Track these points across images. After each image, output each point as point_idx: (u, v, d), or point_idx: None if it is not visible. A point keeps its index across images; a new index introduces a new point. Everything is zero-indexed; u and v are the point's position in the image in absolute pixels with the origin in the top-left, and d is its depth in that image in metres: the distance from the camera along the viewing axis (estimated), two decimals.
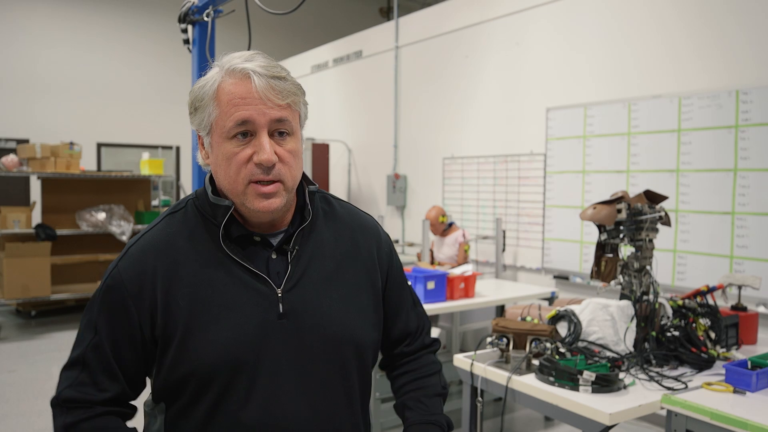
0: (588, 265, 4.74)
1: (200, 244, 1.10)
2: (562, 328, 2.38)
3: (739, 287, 2.74)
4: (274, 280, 1.10)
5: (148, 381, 1.16)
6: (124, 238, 6.65)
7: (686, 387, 2.07)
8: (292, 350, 1.09)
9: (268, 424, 1.06)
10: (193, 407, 1.08)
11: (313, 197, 1.19)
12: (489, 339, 2.39)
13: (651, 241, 2.46)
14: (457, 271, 3.87)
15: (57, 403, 1.07)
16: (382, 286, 1.25)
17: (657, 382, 2.11)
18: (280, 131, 1.07)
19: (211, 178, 1.15)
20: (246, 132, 1.05)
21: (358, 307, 1.18)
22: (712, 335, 2.37)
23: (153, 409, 1.15)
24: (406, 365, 1.32)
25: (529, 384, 2.15)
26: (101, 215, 6.70)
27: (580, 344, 2.31)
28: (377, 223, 1.32)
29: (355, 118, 8.02)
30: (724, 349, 2.43)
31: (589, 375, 2.03)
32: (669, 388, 2.06)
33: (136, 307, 1.06)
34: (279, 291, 1.10)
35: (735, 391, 2.02)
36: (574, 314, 2.37)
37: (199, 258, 1.09)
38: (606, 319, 2.31)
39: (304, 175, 1.19)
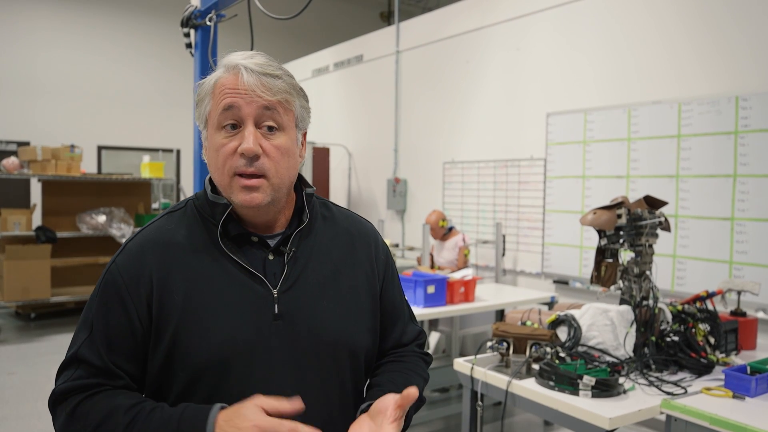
0: (588, 269, 4.74)
1: (198, 242, 1.10)
2: (562, 333, 2.38)
3: (739, 293, 2.74)
4: (270, 280, 1.10)
5: None
6: (124, 240, 6.65)
7: (686, 392, 2.08)
8: (286, 352, 1.08)
9: None
10: None
11: (310, 200, 1.19)
12: (489, 343, 2.39)
13: (651, 246, 2.47)
14: (457, 276, 3.88)
15: (54, 400, 1.04)
16: (379, 293, 1.24)
17: (656, 387, 2.12)
18: (269, 126, 1.07)
19: (212, 180, 1.16)
20: (235, 124, 1.06)
21: (354, 312, 1.17)
22: (712, 340, 2.38)
23: None
24: (388, 359, 1.28)
25: (529, 388, 2.15)
26: (101, 218, 6.71)
27: (580, 349, 2.31)
28: (376, 230, 1.31)
29: (355, 122, 8.03)
30: (723, 355, 2.44)
31: (588, 380, 2.03)
32: (668, 393, 2.07)
33: (133, 300, 1.05)
34: (275, 292, 1.09)
35: (734, 396, 2.03)
36: (574, 319, 2.37)
37: (196, 255, 1.09)
38: (606, 323, 2.32)
39: (302, 178, 1.19)
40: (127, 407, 1.01)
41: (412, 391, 1.02)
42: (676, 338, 2.34)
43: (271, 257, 1.12)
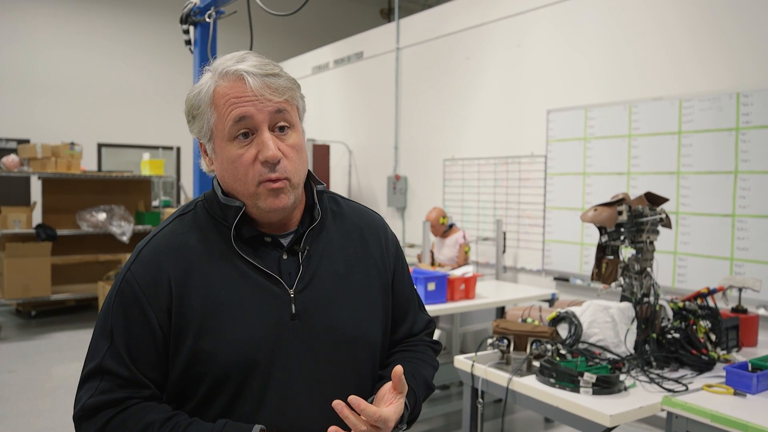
0: (588, 266, 4.74)
1: (212, 245, 1.09)
2: (563, 330, 2.38)
3: (740, 289, 2.74)
4: (286, 280, 1.10)
5: None
6: (125, 238, 6.66)
7: (687, 389, 2.07)
8: (305, 351, 1.08)
9: (281, 425, 1.05)
10: (206, 408, 1.06)
11: (321, 197, 1.19)
12: (490, 340, 2.39)
13: (652, 243, 2.46)
14: (457, 273, 3.87)
15: (81, 415, 1.03)
16: (390, 287, 1.25)
17: (657, 384, 2.11)
18: (280, 126, 1.07)
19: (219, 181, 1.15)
20: (247, 132, 1.05)
21: (369, 307, 1.18)
22: (713, 337, 2.38)
23: None
24: (398, 349, 1.30)
25: (530, 385, 2.15)
26: (102, 215, 6.71)
27: (581, 346, 2.31)
28: (385, 222, 1.31)
29: (355, 120, 8.02)
30: (724, 351, 2.43)
31: (589, 377, 2.03)
32: (669, 390, 2.06)
33: (153, 307, 1.04)
34: (291, 291, 1.09)
35: (735, 393, 2.03)
36: (574, 316, 2.37)
37: (211, 259, 1.08)
38: (607, 320, 2.31)
39: (311, 175, 1.18)
40: (161, 422, 1.01)
41: (398, 369, 1.06)
42: (677, 335, 2.33)
43: (285, 257, 1.12)
